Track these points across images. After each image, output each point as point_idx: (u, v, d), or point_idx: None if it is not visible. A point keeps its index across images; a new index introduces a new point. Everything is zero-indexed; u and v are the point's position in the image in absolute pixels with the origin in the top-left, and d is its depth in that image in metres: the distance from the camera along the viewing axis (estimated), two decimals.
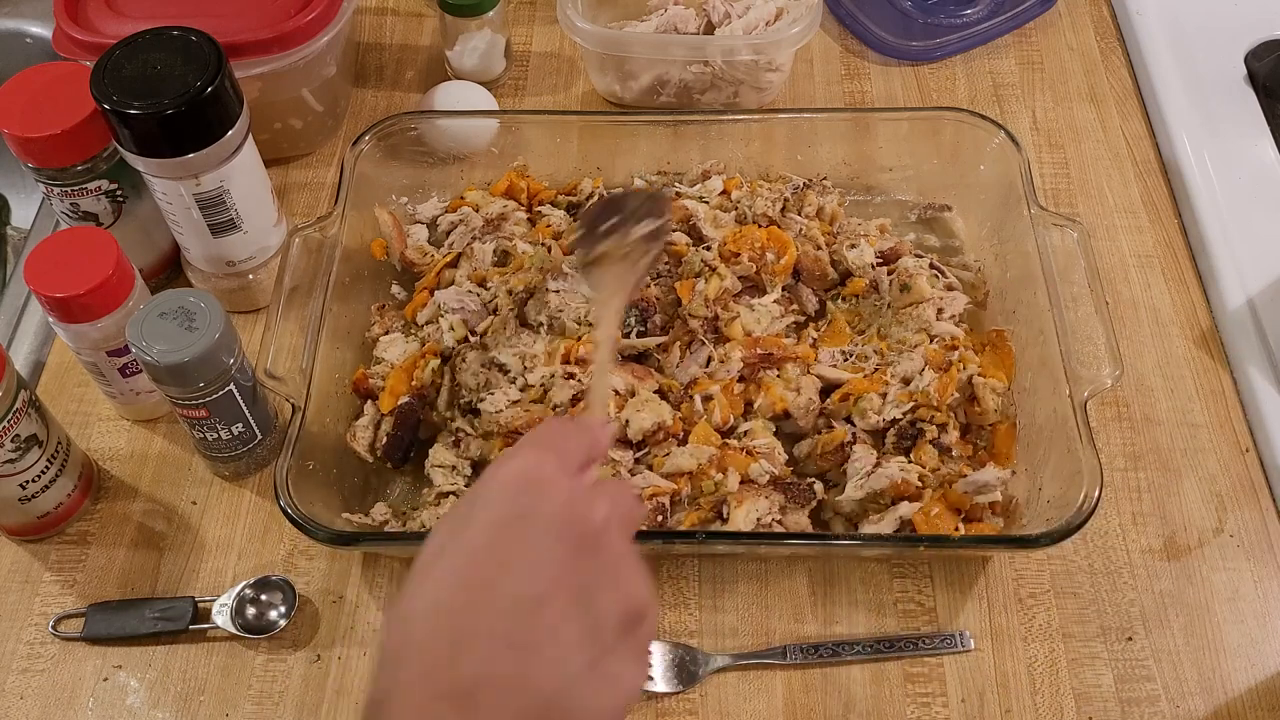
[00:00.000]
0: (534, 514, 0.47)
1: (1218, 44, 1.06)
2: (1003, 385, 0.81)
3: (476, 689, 0.43)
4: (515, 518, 0.47)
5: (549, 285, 0.86)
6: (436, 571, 0.47)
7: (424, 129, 0.93)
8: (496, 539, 0.46)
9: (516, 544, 0.46)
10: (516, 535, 0.46)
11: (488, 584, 0.45)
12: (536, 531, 0.47)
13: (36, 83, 0.81)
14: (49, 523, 0.80)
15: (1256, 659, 0.75)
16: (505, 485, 0.48)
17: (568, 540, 0.47)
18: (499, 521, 0.47)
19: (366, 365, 0.85)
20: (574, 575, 0.46)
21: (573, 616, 0.45)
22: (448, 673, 0.43)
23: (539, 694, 0.44)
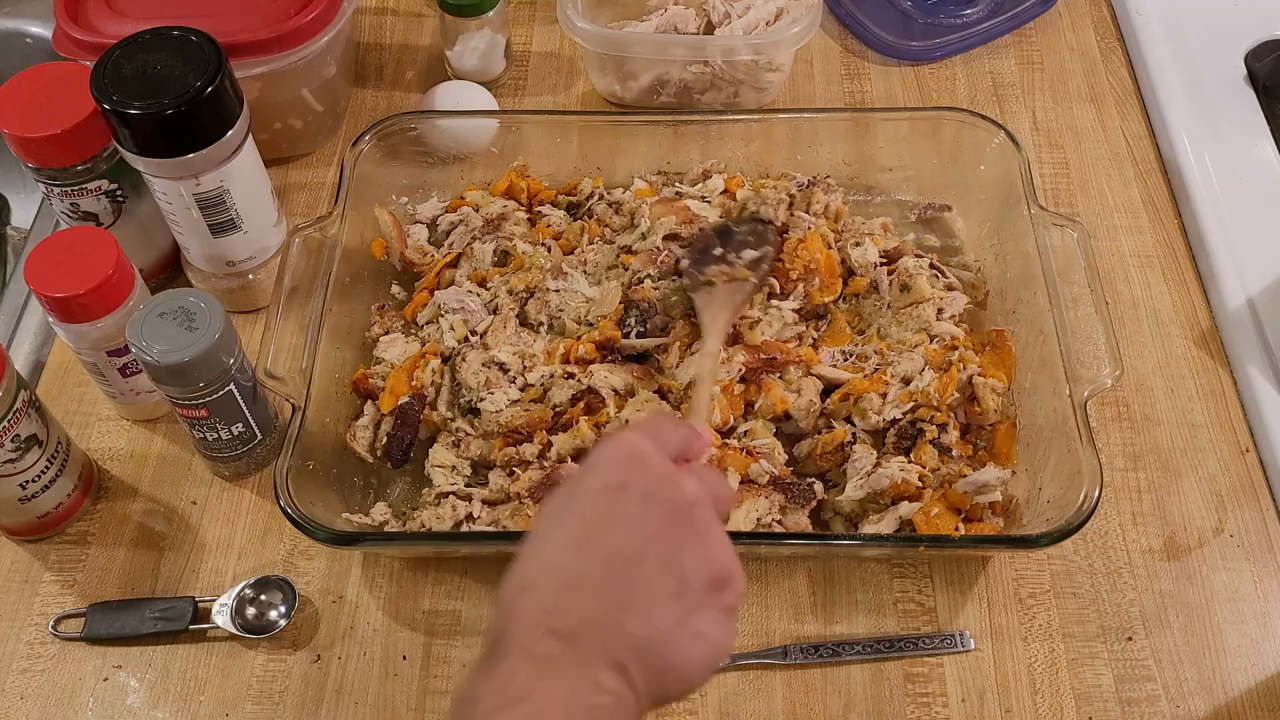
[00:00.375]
0: (632, 484, 0.53)
1: (1218, 44, 1.06)
2: (1003, 385, 0.81)
3: (580, 629, 0.49)
4: (616, 486, 0.53)
5: (549, 285, 0.86)
6: (550, 531, 0.53)
7: (424, 129, 0.93)
8: (599, 504, 0.53)
9: (616, 508, 0.53)
10: (616, 501, 0.53)
11: (591, 542, 0.52)
12: (633, 499, 0.53)
13: (36, 83, 0.81)
14: (49, 523, 0.80)
15: (1256, 659, 0.75)
16: (609, 459, 0.55)
17: (660, 508, 0.53)
18: (604, 487, 0.54)
19: (366, 365, 0.85)
20: (664, 539, 0.52)
21: (663, 575, 0.51)
22: (557, 613, 0.50)
23: (632, 639, 0.50)
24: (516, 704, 0.47)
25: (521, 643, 0.49)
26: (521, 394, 0.81)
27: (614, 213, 0.92)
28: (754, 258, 0.83)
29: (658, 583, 0.51)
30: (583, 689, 0.48)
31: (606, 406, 0.78)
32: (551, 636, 0.49)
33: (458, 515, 0.77)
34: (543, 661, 0.49)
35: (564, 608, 0.50)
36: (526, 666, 0.49)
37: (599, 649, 0.49)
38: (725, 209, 0.90)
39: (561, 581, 0.51)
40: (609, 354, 0.83)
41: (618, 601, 0.50)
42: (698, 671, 0.52)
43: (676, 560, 0.52)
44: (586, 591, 0.50)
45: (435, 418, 0.82)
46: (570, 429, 0.78)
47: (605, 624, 0.50)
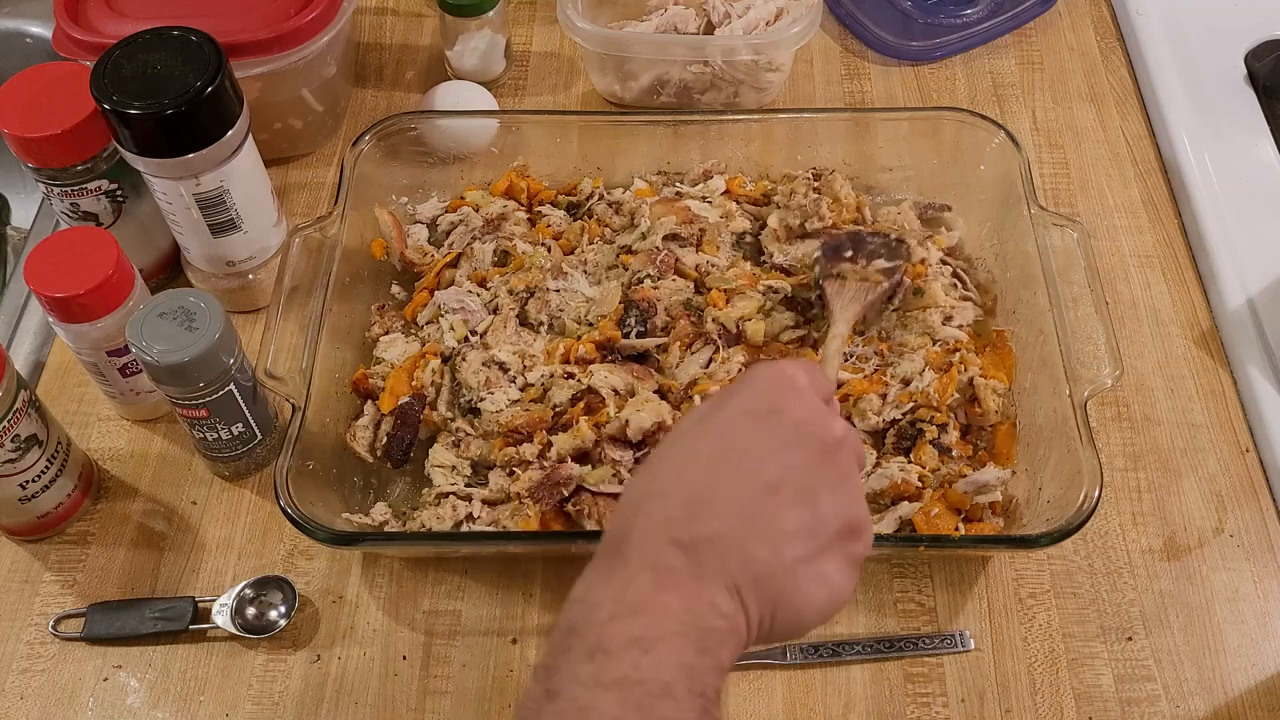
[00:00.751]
0: (784, 411, 0.52)
1: (1218, 44, 1.06)
2: (1004, 386, 0.81)
3: (704, 544, 0.48)
4: (768, 410, 0.52)
5: (549, 285, 0.86)
6: (689, 439, 0.53)
7: (424, 129, 0.93)
8: (747, 424, 0.52)
9: (763, 432, 0.52)
10: (765, 425, 0.52)
11: (731, 460, 0.51)
12: (783, 426, 0.52)
13: (36, 83, 0.81)
14: (49, 523, 0.80)
15: (1256, 659, 0.75)
16: (763, 382, 0.54)
17: (808, 443, 0.52)
18: (753, 410, 0.52)
19: (366, 365, 0.85)
20: (806, 474, 0.51)
21: (799, 508, 0.50)
22: (683, 525, 0.49)
23: (754, 565, 0.49)
24: (633, 615, 0.47)
25: (643, 550, 0.48)
26: (521, 394, 0.81)
27: (614, 213, 0.92)
28: (885, 267, 0.83)
29: (792, 515, 0.50)
30: (699, 608, 0.47)
31: (606, 406, 0.78)
32: (675, 547, 0.48)
33: (458, 515, 0.77)
34: (663, 572, 0.48)
35: (692, 519, 0.49)
36: (646, 576, 0.48)
37: (720, 568, 0.48)
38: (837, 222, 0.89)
39: (694, 493, 0.50)
40: (609, 354, 0.83)
41: (749, 524, 0.49)
42: (813, 614, 0.51)
43: (815, 497, 0.51)
44: (719, 507, 0.49)
45: (435, 418, 0.82)
46: (570, 429, 0.78)
47: (732, 544, 0.49)
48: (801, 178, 0.91)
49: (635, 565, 0.48)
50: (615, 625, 0.46)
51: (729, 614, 0.48)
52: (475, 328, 0.85)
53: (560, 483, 0.75)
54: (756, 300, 0.84)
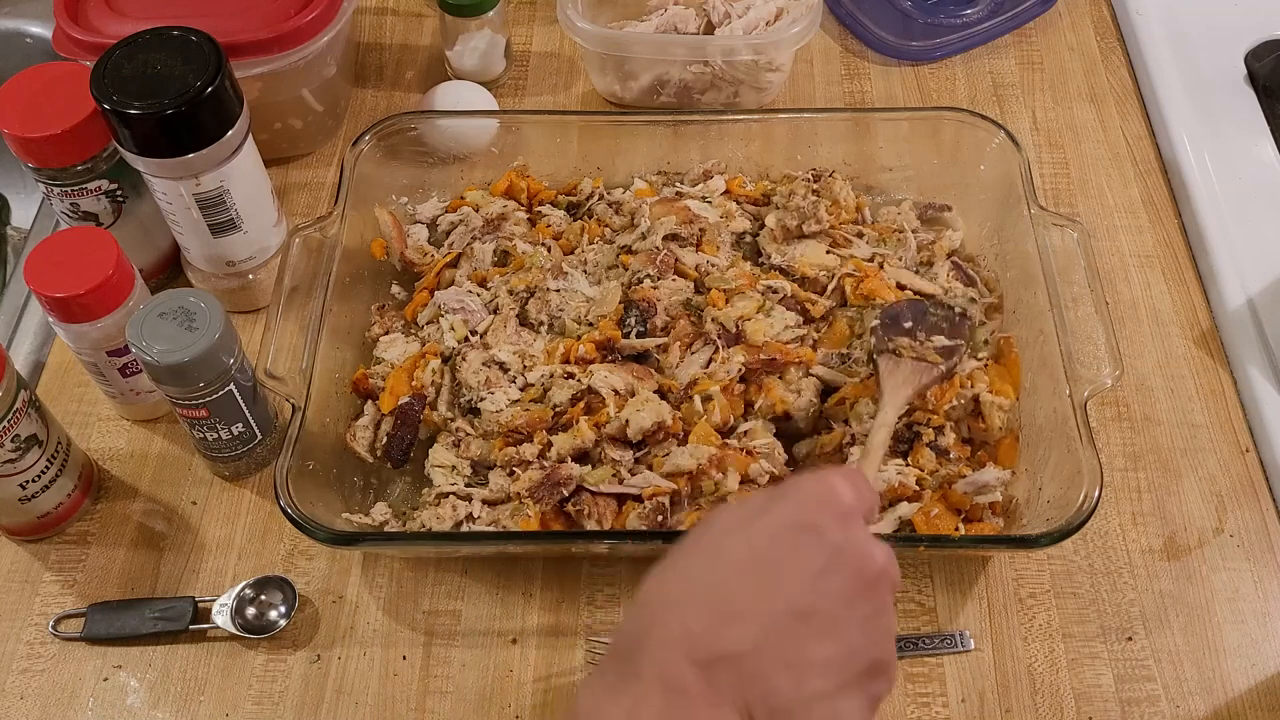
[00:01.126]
0: (826, 531, 0.49)
1: (1218, 44, 1.06)
2: (1009, 401, 0.80)
3: (724, 664, 0.46)
4: (809, 528, 0.49)
5: (549, 285, 0.86)
6: (718, 548, 0.50)
7: (424, 129, 0.93)
8: (786, 540, 0.49)
9: (802, 552, 0.49)
10: (804, 545, 0.49)
11: (763, 577, 0.48)
12: (824, 548, 0.49)
13: (36, 83, 0.81)
14: (49, 523, 0.80)
15: (1256, 659, 0.75)
16: (805, 496, 0.51)
17: (847, 571, 0.49)
18: (792, 525, 0.50)
19: (366, 365, 0.85)
20: (841, 604, 0.48)
21: (827, 641, 0.47)
22: (704, 641, 0.46)
23: (772, 696, 0.46)
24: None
25: (657, 665, 0.46)
26: (521, 394, 0.81)
27: (614, 213, 0.92)
28: (945, 345, 0.79)
29: (821, 647, 0.47)
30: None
31: (606, 406, 0.78)
32: (692, 666, 0.46)
33: (458, 515, 0.77)
34: (676, 694, 0.46)
35: (713, 635, 0.47)
36: (658, 697, 0.46)
37: (735, 692, 0.46)
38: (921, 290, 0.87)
39: (717, 607, 0.48)
40: (609, 354, 0.83)
41: (773, 649, 0.47)
42: None
43: (846, 631, 0.48)
44: (744, 625, 0.47)
45: (435, 418, 0.82)
46: (570, 429, 0.78)
47: (753, 669, 0.46)
48: (800, 179, 0.91)
49: (648, 683, 0.46)
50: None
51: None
52: (475, 328, 0.85)
53: (560, 483, 0.75)
54: (756, 300, 0.84)
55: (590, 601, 0.78)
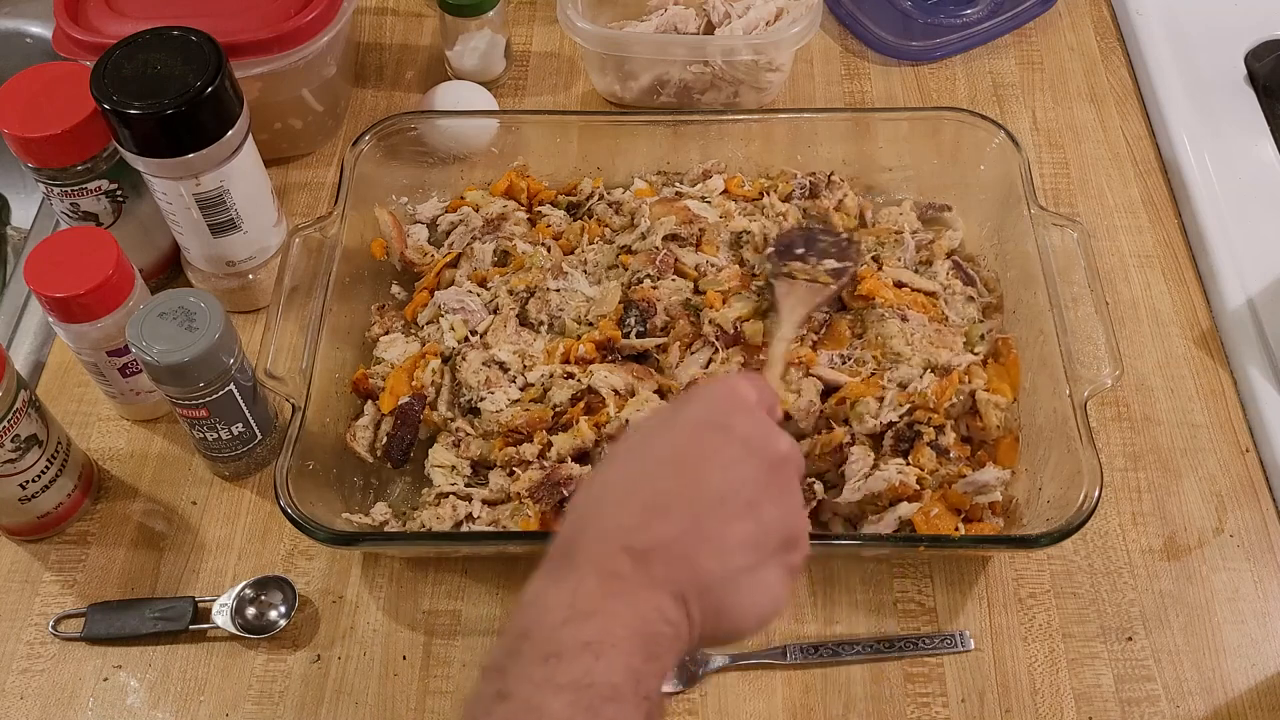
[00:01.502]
0: (735, 426, 0.54)
1: (1218, 44, 1.06)
2: (1006, 400, 0.80)
3: (654, 551, 0.50)
4: (719, 425, 0.54)
5: (549, 285, 0.86)
6: (640, 451, 0.54)
7: (424, 129, 0.93)
8: (698, 437, 0.54)
9: (715, 446, 0.54)
10: (717, 439, 0.54)
11: (683, 470, 0.53)
12: (734, 441, 0.54)
13: (36, 83, 0.81)
14: (49, 523, 0.80)
15: (1256, 659, 0.75)
16: (714, 397, 0.56)
17: (756, 457, 0.54)
18: (705, 423, 0.54)
19: (366, 365, 0.85)
20: (753, 488, 0.53)
21: (745, 520, 0.52)
22: (634, 532, 0.51)
23: (700, 574, 0.50)
24: (585, 620, 0.48)
25: (594, 555, 0.50)
26: (521, 394, 0.81)
27: (614, 213, 0.92)
28: (835, 267, 0.83)
29: (739, 526, 0.52)
30: (647, 614, 0.49)
31: (607, 406, 0.78)
32: (625, 554, 0.50)
33: (458, 515, 0.77)
34: (612, 578, 0.49)
35: (644, 527, 0.51)
36: (597, 581, 0.49)
37: (669, 576, 0.50)
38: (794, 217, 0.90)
39: (644, 501, 0.52)
40: (609, 354, 0.83)
41: (698, 534, 0.51)
42: (753, 621, 0.53)
43: (760, 510, 0.53)
44: (670, 516, 0.51)
45: (435, 418, 0.82)
46: (570, 429, 0.78)
47: (680, 552, 0.50)
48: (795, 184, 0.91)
49: (585, 570, 0.49)
50: (568, 629, 0.48)
51: (675, 620, 0.50)
52: (475, 328, 0.85)
53: (560, 483, 0.75)
54: (753, 301, 0.84)
55: None
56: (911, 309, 0.84)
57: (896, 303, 0.84)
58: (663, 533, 0.51)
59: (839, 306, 0.86)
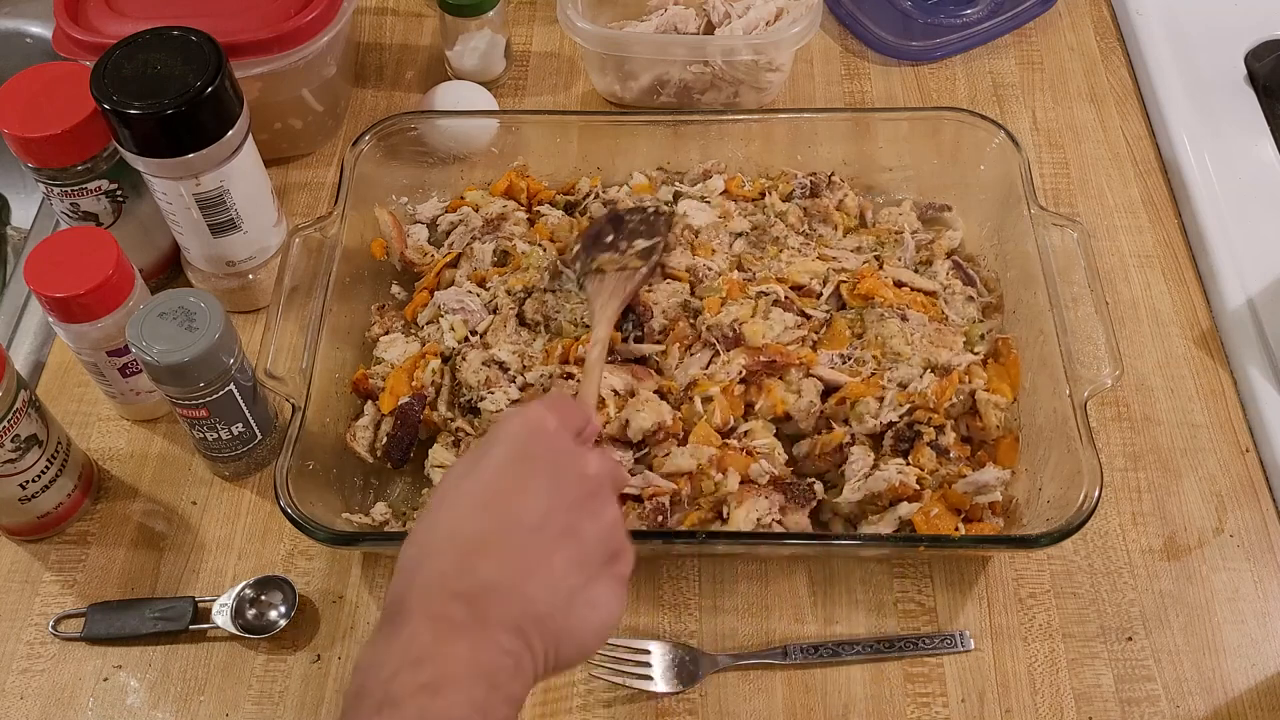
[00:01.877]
0: (539, 456, 0.55)
1: (1218, 44, 1.06)
2: (1006, 400, 0.80)
3: (483, 593, 0.51)
4: (523, 457, 0.55)
5: (547, 285, 0.86)
6: (454, 497, 0.55)
7: (424, 129, 0.93)
8: (507, 473, 0.55)
9: (523, 479, 0.54)
10: (524, 471, 0.55)
11: (496, 508, 0.53)
12: (541, 470, 0.55)
13: (36, 83, 0.81)
14: (49, 523, 0.80)
15: (1256, 659, 0.75)
16: (515, 432, 0.56)
17: (566, 481, 0.55)
18: (510, 458, 0.55)
19: (366, 365, 0.85)
20: (568, 511, 0.54)
21: (565, 544, 0.53)
22: (460, 577, 0.51)
23: (533, 605, 0.51)
24: (419, 666, 0.48)
25: (423, 607, 0.50)
26: (521, 394, 0.81)
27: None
28: (645, 247, 0.83)
29: (560, 551, 0.53)
30: (484, 649, 0.49)
31: (607, 407, 0.78)
32: (455, 600, 0.50)
33: None
34: (445, 624, 0.49)
35: (467, 570, 0.51)
36: (428, 630, 0.49)
37: (500, 612, 0.50)
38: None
39: (464, 546, 0.52)
40: (609, 355, 0.82)
41: (521, 567, 0.52)
42: (592, 637, 0.54)
43: (578, 531, 0.54)
44: (490, 555, 0.52)
45: (435, 418, 0.82)
46: None
47: (508, 588, 0.51)
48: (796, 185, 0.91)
49: (417, 623, 0.50)
50: (401, 678, 0.48)
51: (514, 651, 0.50)
52: (475, 327, 0.85)
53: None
54: (750, 305, 0.84)
55: None
56: (911, 308, 0.84)
57: (896, 302, 0.84)
58: (487, 572, 0.51)
59: (839, 305, 0.86)
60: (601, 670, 0.73)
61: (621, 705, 0.73)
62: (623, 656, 0.74)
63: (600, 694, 0.74)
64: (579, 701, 0.73)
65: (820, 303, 0.86)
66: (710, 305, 0.84)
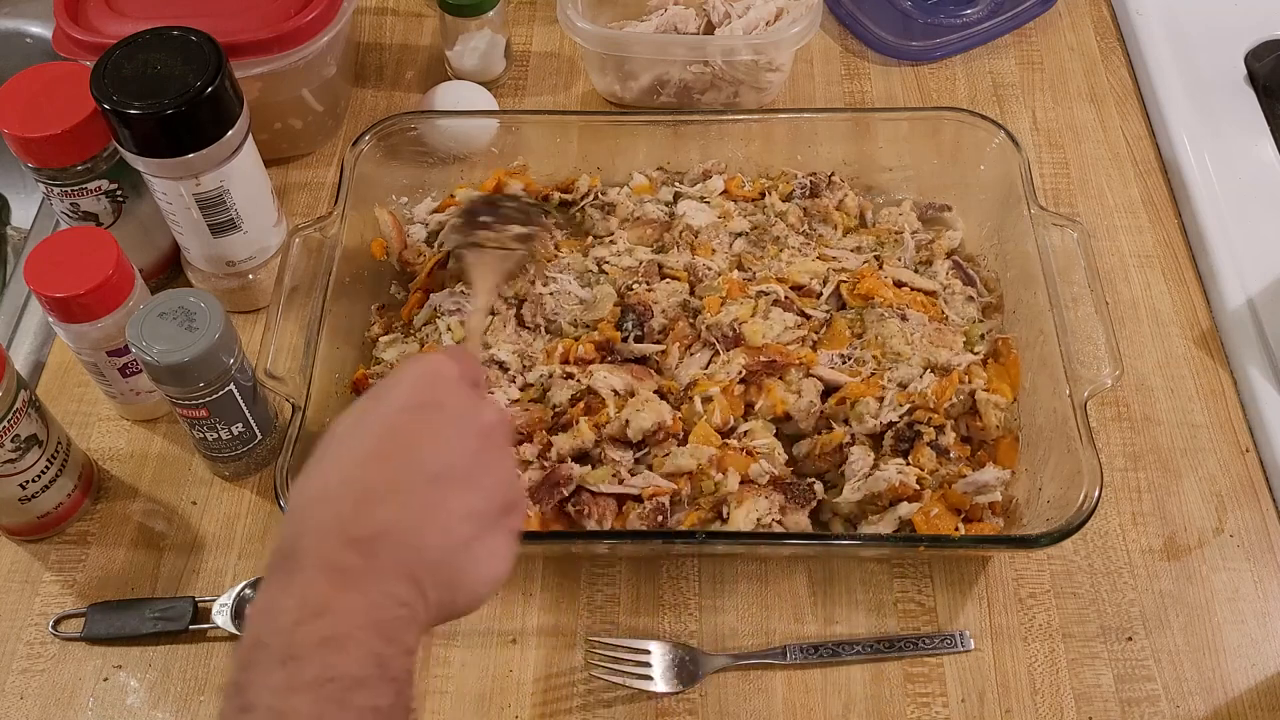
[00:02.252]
0: (439, 405, 0.55)
1: (1218, 44, 1.06)
2: (1006, 400, 0.80)
3: (378, 539, 0.50)
4: (424, 405, 0.55)
5: (540, 290, 0.86)
6: (349, 441, 0.54)
7: (424, 129, 0.93)
8: (407, 420, 0.54)
9: (424, 425, 0.54)
10: (424, 419, 0.54)
11: (394, 455, 0.52)
12: (441, 419, 0.54)
13: (36, 83, 0.81)
14: (49, 523, 0.80)
15: (1256, 659, 0.75)
16: (415, 379, 0.56)
17: (465, 431, 0.54)
18: (410, 406, 0.55)
19: (366, 365, 0.85)
20: (466, 460, 0.54)
21: (462, 493, 0.53)
22: (355, 523, 0.50)
23: (428, 552, 0.51)
24: (317, 617, 0.47)
25: (318, 553, 0.49)
26: (521, 394, 0.81)
27: (602, 215, 0.92)
28: (521, 233, 0.83)
29: (457, 500, 0.52)
30: (380, 601, 0.49)
31: (606, 406, 0.78)
32: (349, 548, 0.49)
33: None
34: (340, 572, 0.49)
35: (363, 517, 0.50)
36: (324, 578, 0.48)
37: (395, 560, 0.50)
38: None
39: (361, 492, 0.51)
40: (609, 354, 0.83)
41: (418, 514, 0.51)
42: (485, 587, 0.54)
43: (476, 481, 0.53)
44: (387, 502, 0.51)
45: None
46: (570, 429, 0.78)
47: (404, 535, 0.50)
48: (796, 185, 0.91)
49: (312, 569, 0.49)
50: (303, 630, 0.47)
51: (409, 601, 0.49)
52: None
53: (560, 482, 0.75)
54: (750, 304, 0.84)
55: (590, 601, 0.78)
56: (911, 308, 0.84)
57: (896, 302, 0.84)
58: (383, 518, 0.50)
59: (839, 305, 0.86)
60: (601, 670, 0.73)
61: (621, 705, 0.73)
62: (623, 656, 0.74)
63: (600, 694, 0.74)
64: (579, 702, 0.73)
65: (820, 303, 0.86)
66: (710, 304, 0.84)
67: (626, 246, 0.90)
